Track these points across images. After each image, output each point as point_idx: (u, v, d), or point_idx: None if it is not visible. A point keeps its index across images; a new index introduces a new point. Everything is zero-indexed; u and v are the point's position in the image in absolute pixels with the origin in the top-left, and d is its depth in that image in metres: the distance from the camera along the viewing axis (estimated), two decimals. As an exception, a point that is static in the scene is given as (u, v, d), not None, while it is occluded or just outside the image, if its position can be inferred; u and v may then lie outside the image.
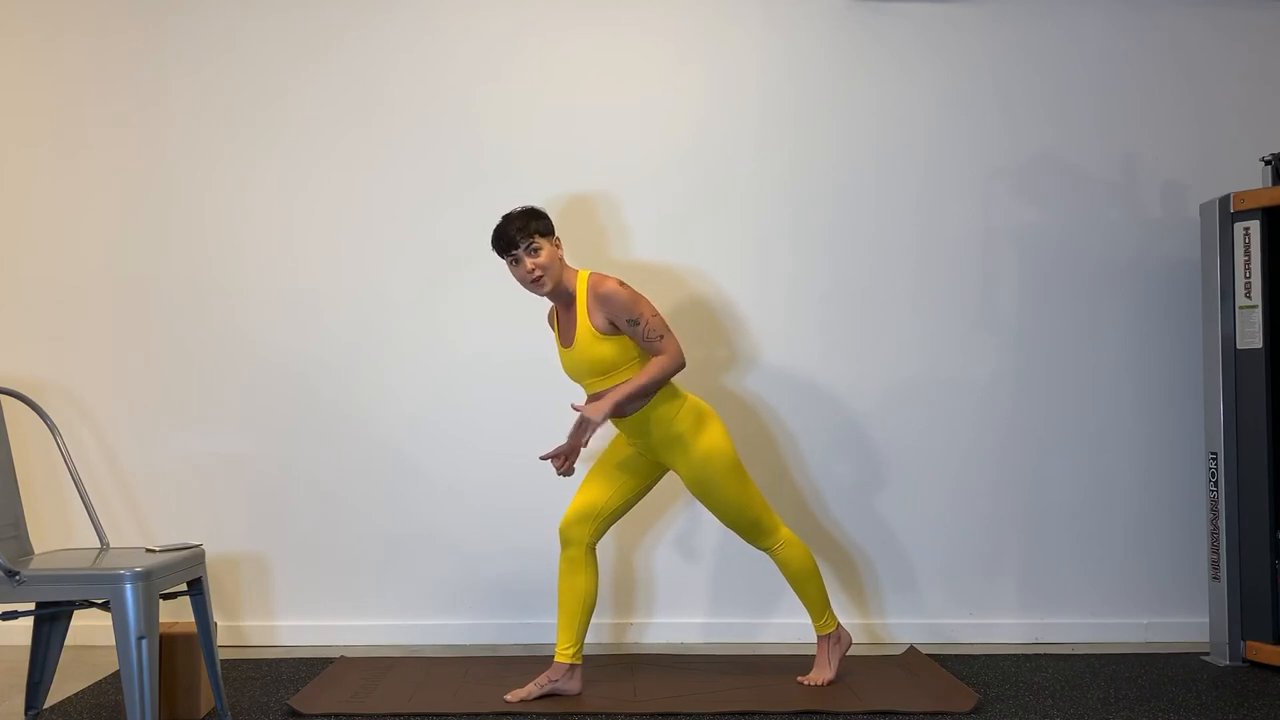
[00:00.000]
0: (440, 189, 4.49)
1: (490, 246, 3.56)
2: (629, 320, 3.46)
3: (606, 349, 3.49)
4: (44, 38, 4.50)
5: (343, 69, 4.50)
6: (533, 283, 3.48)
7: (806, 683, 3.73)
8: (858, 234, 4.51)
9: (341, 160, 4.50)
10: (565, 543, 3.60)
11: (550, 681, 3.58)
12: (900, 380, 4.50)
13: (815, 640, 3.80)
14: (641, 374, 3.47)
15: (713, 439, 3.58)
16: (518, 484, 4.44)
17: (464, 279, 4.48)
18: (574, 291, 3.53)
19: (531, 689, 3.56)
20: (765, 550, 3.70)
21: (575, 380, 3.62)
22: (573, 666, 3.59)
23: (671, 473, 3.92)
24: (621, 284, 3.48)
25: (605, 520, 3.63)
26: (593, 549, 3.61)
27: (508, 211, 3.54)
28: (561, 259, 3.53)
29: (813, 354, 4.50)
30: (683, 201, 4.50)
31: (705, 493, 3.60)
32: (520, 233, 3.47)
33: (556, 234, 3.55)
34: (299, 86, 4.50)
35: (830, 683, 3.72)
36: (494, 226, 3.55)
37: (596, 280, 3.50)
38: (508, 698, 3.55)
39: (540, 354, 4.41)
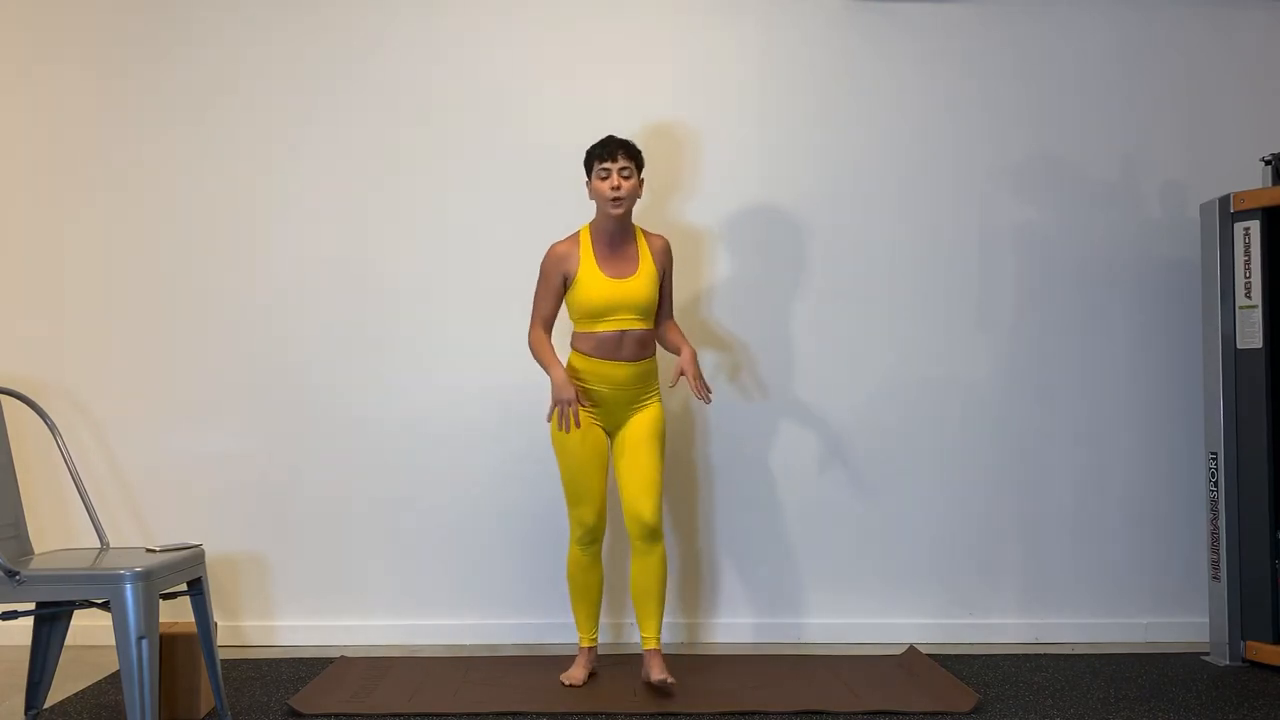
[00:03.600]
0: (443, 189, 4.49)
1: (587, 153, 3.73)
2: (670, 277, 3.87)
3: (657, 292, 3.76)
4: (45, 34, 4.50)
5: (343, 70, 4.50)
6: (610, 201, 3.66)
7: (660, 681, 3.59)
8: (855, 234, 4.51)
9: (343, 160, 4.49)
10: (596, 538, 3.79)
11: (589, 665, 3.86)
12: (899, 380, 4.50)
13: (664, 648, 3.95)
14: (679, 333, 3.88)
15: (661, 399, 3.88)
16: (518, 484, 4.44)
17: (467, 278, 4.48)
18: (634, 233, 3.79)
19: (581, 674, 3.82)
20: (654, 540, 3.64)
21: (607, 312, 3.68)
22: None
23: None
24: None
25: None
26: None
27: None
28: (636, 199, 3.75)
29: (810, 353, 4.50)
30: (679, 201, 4.50)
31: (653, 443, 3.72)
32: (622, 150, 3.69)
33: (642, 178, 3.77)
34: (300, 87, 4.50)
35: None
36: (599, 140, 3.74)
37: (647, 232, 3.84)
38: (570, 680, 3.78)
39: (540, 354, 4.41)
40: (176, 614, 4.21)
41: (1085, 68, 4.55)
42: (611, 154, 3.67)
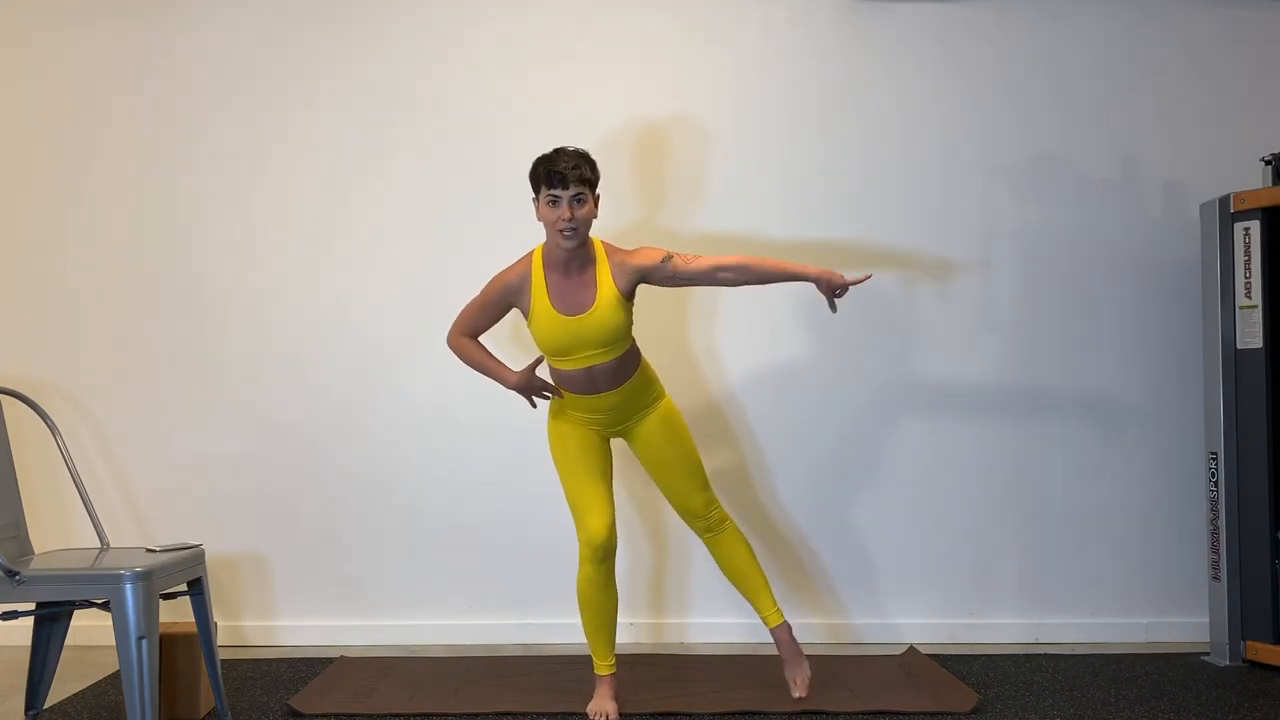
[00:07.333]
0: (443, 189, 4.49)
1: (533, 171, 3.29)
2: (663, 259, 3.31)
3: (625, 316, 3.33)
4: (48, 38, 4.50)
5: (345, 70, 4.50)
6: (562, 233, 3.23)
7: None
8: (856, 234, 4.51)
9: (343, 160, 4.49)
10: (609, 553, 3.37)
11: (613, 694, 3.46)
12: (898, 379, 4.50)
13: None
14: (776, 262, 3.46)
15: (666, 395, 3.57)
16: (518, 484, 4.44)
17: (467, 278, 4.46)
18: (592, 255, 3.34)
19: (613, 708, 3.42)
20: (713, 523, 3.51)
21: (567, 351, 3.34)
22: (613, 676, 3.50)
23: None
24: None
25: None
26: None
27: (559, 146, 3.31)
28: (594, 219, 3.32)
29: (814, 353, 4.50)
30: (680, 202, 4.50)
31: (675, 443, 3.47)
32: (574, 174, 3.22)
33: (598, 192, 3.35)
34: (301, 88, 4.50)
35: None
36: (541, 155, 3.30)
37: (612, 247, 3.38)
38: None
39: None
40: (176, 614, 4.21)
41: (1086, 67, 4.55)
42: (562, 180, 3.21)
